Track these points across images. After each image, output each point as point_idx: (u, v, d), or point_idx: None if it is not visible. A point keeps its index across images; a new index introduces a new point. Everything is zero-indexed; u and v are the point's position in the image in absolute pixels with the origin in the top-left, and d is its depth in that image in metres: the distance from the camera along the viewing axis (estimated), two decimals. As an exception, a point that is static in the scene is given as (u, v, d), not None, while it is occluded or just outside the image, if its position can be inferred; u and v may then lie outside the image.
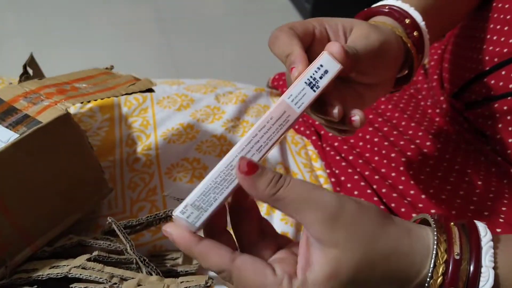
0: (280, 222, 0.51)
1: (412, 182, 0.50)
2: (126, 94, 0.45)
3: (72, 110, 0.59)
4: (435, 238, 0.28)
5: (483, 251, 0.27)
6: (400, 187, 0.50)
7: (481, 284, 0.27)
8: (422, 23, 0.41)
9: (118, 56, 1.54)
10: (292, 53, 0.33)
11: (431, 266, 0.27)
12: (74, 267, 0.38)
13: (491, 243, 0.28)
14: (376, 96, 0.40)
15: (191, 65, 1.56)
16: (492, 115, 0.50)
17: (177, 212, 0.29)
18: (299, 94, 0.31)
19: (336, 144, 0.58)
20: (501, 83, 0.48)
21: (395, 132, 0.57)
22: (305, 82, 0.31)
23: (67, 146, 0.43)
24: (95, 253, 0.40)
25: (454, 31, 0.64)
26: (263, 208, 0.52)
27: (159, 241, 0.48)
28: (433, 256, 0.27)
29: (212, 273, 0.43)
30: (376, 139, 0.57)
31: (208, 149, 0.57)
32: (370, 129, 0.58)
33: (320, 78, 0.32)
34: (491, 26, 0.50)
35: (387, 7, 0.42)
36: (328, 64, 0.32)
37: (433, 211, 0.47)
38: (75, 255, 0.41)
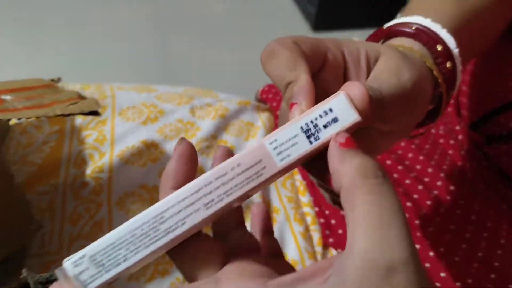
0: None
1: (418, 235, 0.40)
2: (61, 115, 0.36)
3: (15, 120, 0.49)
4: None
5: None
6: None
7: None
8: (455, 50, 0.31)
9: (114, 56, 1.45)
10: (296, 81, 0.24)
11: None
12: None
13: None
14: (391, 144, 0.30)
15: (188, 66, 1.47)
16: (521, 156, 0.41)
17: (67, 262, 0.21)
18: (287, 142, 0.22)
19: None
20: (535, 118, 0.39)
21: (399, 167, 0.47)
22: (301, 127, 0.22)
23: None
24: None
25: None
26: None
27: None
28: None
29: None
30: None
31: (173, 174, 0.47)
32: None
33: (325, 127, 0.22)
34: None
35: (413, 27, 0.31)
36: (341, 110, 0.22)
37: (442, 274, 0.37)
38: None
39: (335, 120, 0.22)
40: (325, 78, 0.27)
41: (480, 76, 0.48)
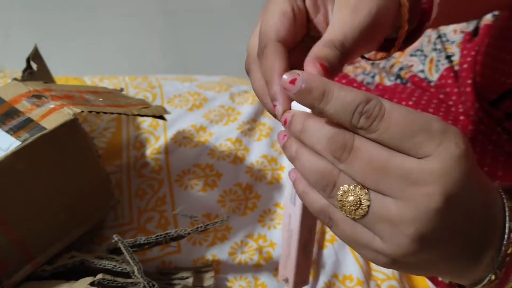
0: None
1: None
2: (138, 115, 0.41)
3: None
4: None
5: None
6: None
7: None
8: None
9: (125, 49, 1.49)
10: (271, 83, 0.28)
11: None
12: (76, 292, 0.34)
13: None
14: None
15: (200, 60, 1.50)
16: (537, 129, 0.46)
17: None
18: None
19: None
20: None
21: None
22: None
23: (73, 155, 0.39)
24: (99, 276, 0.36)
25: (489, 31, 0.59)
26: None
27: (168, 257, 0.45)
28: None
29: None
30: None
31: (222, 154, 0.53)
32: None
33: None
34: None
35: None
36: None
37: None
38: (77, 276, 0.37)
39: None
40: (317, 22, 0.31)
41: (496, 56, 0.53)
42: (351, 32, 0.28)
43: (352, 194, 0.24)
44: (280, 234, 0.47)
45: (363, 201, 0.24)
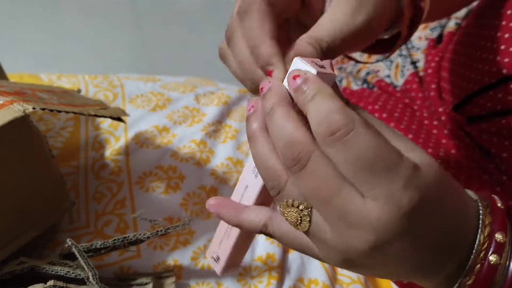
0: (265, 242, 0.46)
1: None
2: (94, 115, 0.39)
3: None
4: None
5: None
6: None
7: None
8: None
9: (91, 49, 1.45)
10: (261, 46, 0.25)
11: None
12: (24, 301, 0.32)
13: None
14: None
15: (166, 61, 1.48)
16: (499, 132, 0.46)
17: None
18: None
19: None
20: (510, 98, 0.44)
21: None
22: None
23: (23, 154, 0.37)
24: (50, 282, 0.33)
25: (453, 38, 0.60)
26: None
27: (127, 262, 0.42)
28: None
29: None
30: None
31: (185, 156, 0.51)
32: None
33: None
34: (502, 35, 0.46)
35: None
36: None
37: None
38: (26, 283, 0.34)
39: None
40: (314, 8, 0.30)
41: (459, 62, 0.53)
42: (341, 33, 0.27)
43: (295, 212, 0.23)
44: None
45: (303, 222, 0.23)
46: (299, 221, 0.23)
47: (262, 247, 0.45)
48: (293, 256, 0.45)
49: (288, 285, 0.43)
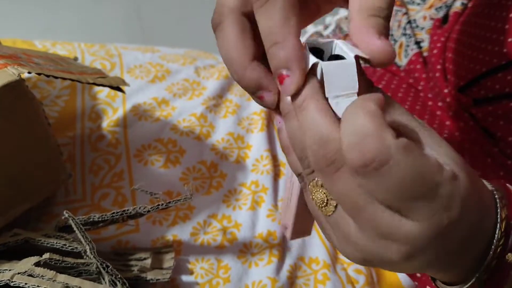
0: (266, 219, 0.45)
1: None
2: (93, 83, 0.37)
3: (26, 74, 0.50)
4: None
5: None
6: None
7: None
8: None
9: (84, 18, 1.41)
10: (283, 44, 0.22)
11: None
12: (19, 273, 0.31)
13: None
14: (333, 7, 0.29)
15: (162, 32, 1.44)
16: (505, 115, 0.45)
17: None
18: None
19: None
20: (520, 81, 0.43)
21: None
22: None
23: (18, 121, 0.35)
24: (46, 255, 0.32)
25: (459, 18, 0.58)
26: (247, 202, 0.46)
27: (125, 236, 0.41)
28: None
29: None
30: None
31: (185, 129, 0.50)
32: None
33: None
34: None
35: None
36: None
37: None
38: (20, 256, 0.33)
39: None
40: None
41: (466, 43, 0.52)
42: None
43: (322, 193, 0.22)
44: (245, 215, 0.45)
45: (329, 206, 0.22)
46: (324, 203, 0.22)
47: (263, 224, 0.44)
48: (294, 235, 0.44)
49: (289, 264, 0.42)
